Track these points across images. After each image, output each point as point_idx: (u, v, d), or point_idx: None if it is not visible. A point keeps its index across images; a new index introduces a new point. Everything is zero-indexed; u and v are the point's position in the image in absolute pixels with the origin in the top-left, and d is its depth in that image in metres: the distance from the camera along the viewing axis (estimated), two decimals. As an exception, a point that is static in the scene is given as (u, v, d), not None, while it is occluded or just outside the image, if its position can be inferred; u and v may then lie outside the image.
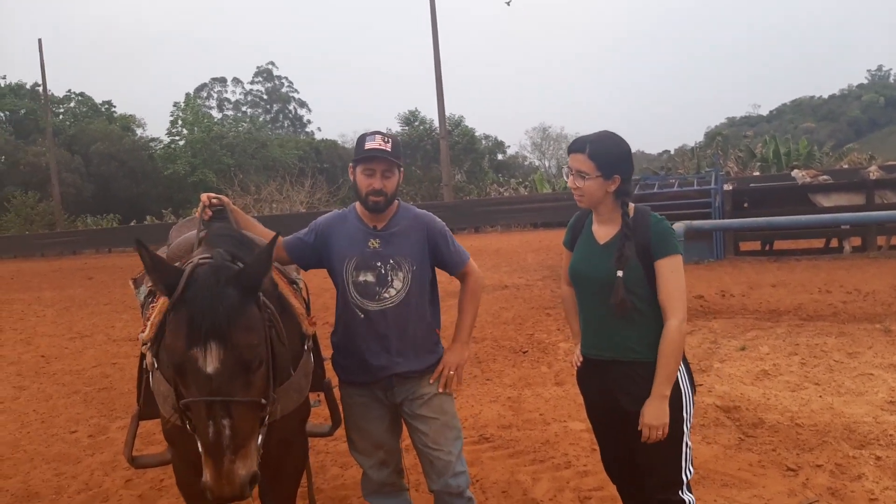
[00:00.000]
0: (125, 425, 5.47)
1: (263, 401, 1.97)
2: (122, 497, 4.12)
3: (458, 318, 2.93)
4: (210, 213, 2.77)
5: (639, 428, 2.37)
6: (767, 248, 14.08)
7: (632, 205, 2.48)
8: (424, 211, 2.93)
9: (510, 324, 8.46)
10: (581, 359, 2.65)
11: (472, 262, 2.96)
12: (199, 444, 1.92)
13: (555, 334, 7.70)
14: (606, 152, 2.41)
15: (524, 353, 7.00)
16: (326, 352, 3.06)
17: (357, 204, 2.85)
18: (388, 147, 2.70)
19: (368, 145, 2.69)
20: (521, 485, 3.87)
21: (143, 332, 2.56)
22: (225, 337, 1.85)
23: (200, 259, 2.13)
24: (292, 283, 3.04)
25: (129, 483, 4.32)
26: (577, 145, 2.46)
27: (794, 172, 15.35)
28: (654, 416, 2.34)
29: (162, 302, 2.54)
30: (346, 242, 2.79)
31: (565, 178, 2.56)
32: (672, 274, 2.35)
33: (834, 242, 13.49)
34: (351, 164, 2.81)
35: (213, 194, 2.81)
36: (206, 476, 1.85)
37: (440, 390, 2.80)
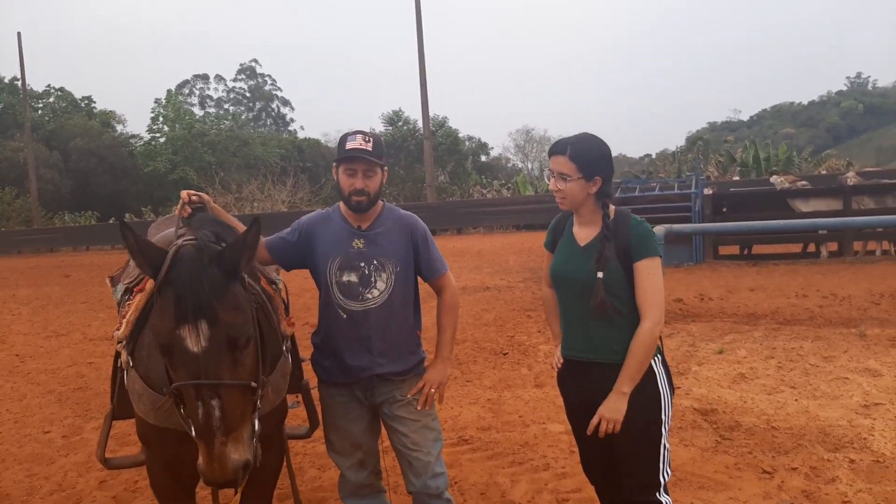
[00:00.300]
0: (100, 426, 5.39)
1: (254, 384, 1.95)
2: (95, 498, 4.07)
3: (438, 335, 2.91)
4: (189, 210, 2.74)
5: (594, 420, 2.39)
6: (746, 252, 14.24)
7: (612, 206, 2.50)
8: (408, 212, 2.92)
9: (491, 325, 8.47)
10: (561, 360, 2.65)
11: (450, 275, 2.96)
12: (192, 430, 1.90)
13: (535, 336, 7.72)
14: (587, 154, 2.42)
15: (504, 354, 7.01)
16: (305, 353, 3.04)
17: (341, 203, 2.83)
18: (370, 146, 2.68)
19: (349, 145, 2.68)
20: (500, 487, 3.87)
21: (118, 329, 2.53)
22: (211, 315, 1.84)
23: (184, 241, 2.11)
24: (272, 283, 3.02)
25: (102, 484, 4.26)
26: (559, 147, 2.46)
27: (773, 178, 15.54)
28: (609, 409, 2.37)
29: (138, 300, 2.51)
30: (329, 242, 2.77)
31: (547, 180, 2.57)
32: (650, 276, 2.36)
33: (811, 247, 13.67)
34: (334, 164, 2.79)
35: (192, 191, 2.79)
36: (200, 460, 1.84)
37: (419, 408, 2.79)
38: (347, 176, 2.71)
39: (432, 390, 2.82)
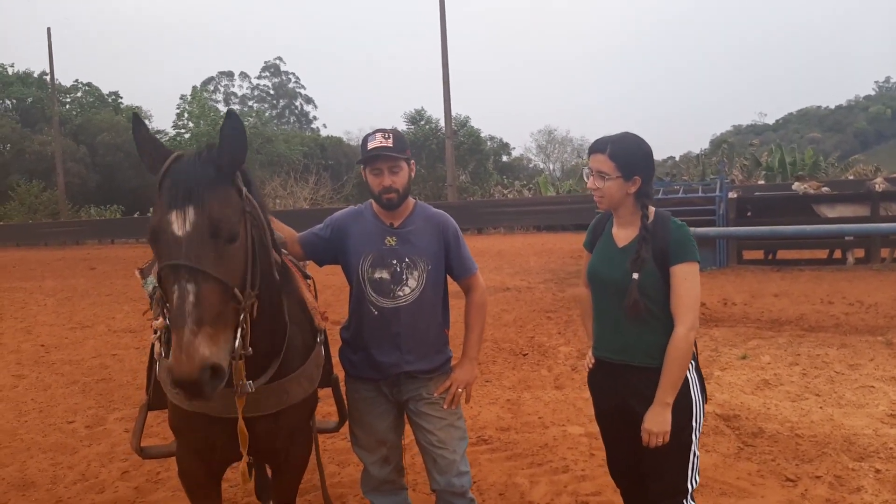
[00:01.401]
0: (123, 416, 5.47)
1: (237, 292, 1.92)
2: (118, 488, 4.11)
3: (465, 335, 2.92)
4: None
5: (643, 436, 2.36)
6: (770, 257, 14.06)
7: (652, 208, 2.45)
8: (440, 211, 2.92)
9: (511, 326, 8.45)
10: (593, 361, 2.63)
11: (479, 275, 2.96)
12: (168, 321, 1.87)
13: (555, 338, 7.69)
14: (627, 153, 2.39)
15: (524, 355, 6.98)
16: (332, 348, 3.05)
17: (372, 201, 2.84)
18: (390, 143, 2.68)
19: (370, 145, 2.69)
20: (519, 487, 3.86)
21: (156, 319, 2.55)
22: (199, 202, 1.88)
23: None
24: (307, 277, 3.03)
25: (125, 475, 4.31)
26: (599, 145, 2.43)
27: (795, 186, 15.29)
28: (655, 422, 2.33)
29: None
30: (362, 239, 2.78)
31: (585, 178, 2.52)
32: (686, 280, 2.32)
33: (837, 254, 13.47)
34: (361, 167, 2.80)
35: None
36: (171, 354, 1.79)
37: (446, 407, 2.79)
38: (374, 176, 2.71)
39: (459, 390, 2.82)
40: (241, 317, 1.94)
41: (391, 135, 2.71)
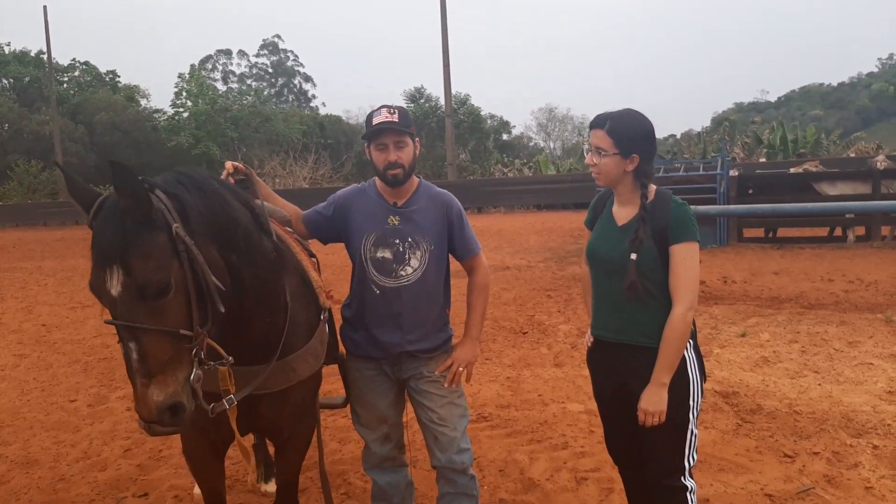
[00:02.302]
0: (125, 395, 5.49)
1: (183, 332, 1.93)
2: (120, 466, 4.15)
3: (468, 314, 2.91)
4: (234, 181, 2.75)
5: (639, 416, 2.36)
6: (771, 235, 14.04)
7: (653, 187, 2.42)
8: (444, 190, 2.89)
9: (511, 304, 8.46)
10: (592, 339, 2.62)
11: (483, 256, 2.95)
12: None
13: (555, 316, 7.70)
14: (626, 129, 2.35)
15: (524, 334, 7.00)
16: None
17: (376, 179, 2.81)
18: (396, 118, 2.65)
19: (376, 120, 2.66)
20: (519, 464, 3.88)
21: None
22: (120, 264, 1.87)
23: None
24: (312, 255, 3.03)
25: (127, 452, 4.34)
26: (598, 121, 2.40)
27: (793, 170, 14.98)
28: (650, 402, 2.33)
29: None
30: (365, 218, 2.76)
31: (586, 154, 2.51)
32: (685, 260, 2.30)
33: (838, 231, 13.45)
34: (365, 144, 2.77)
35: (238, 163, 2.78)
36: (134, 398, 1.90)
37: (447, 385, 2.79)
38: (379, 151, 2.68)
39: (461, 368, 2.82)
40: (195, 349, 1.96)
41: (396, 110, 2.69)
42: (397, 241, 2.71)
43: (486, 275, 2.95)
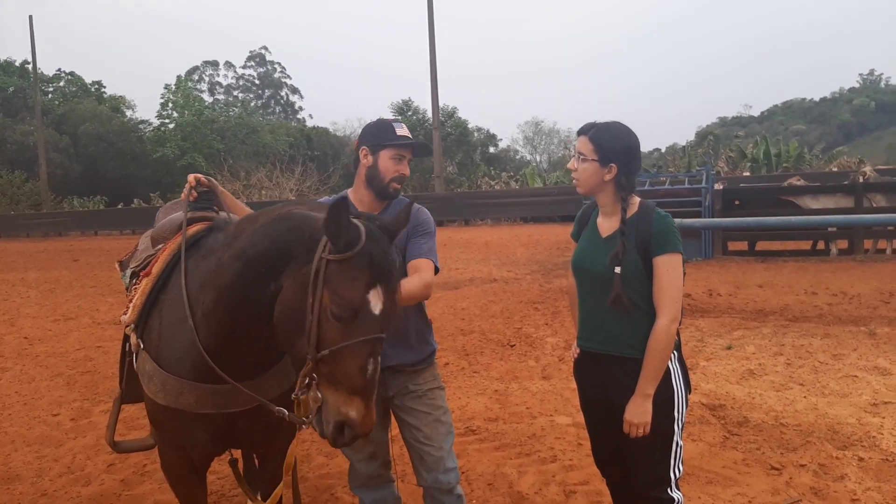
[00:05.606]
0: (109, 409, 5.41)
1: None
2: (104, 481, 4.09)
3: None
4: (196, 194, 2.73)
5: (625, 427, 2.37)
6: (747, 248, 14.15)
7: (637, 199, 2.45)
8: (419, 205, 2.87)
9: (498, 317, 8.46)
10: (578, 351, 2.63)
11: (431, 267, 2.66)
12: (345, 385, 1.94)
13: (542, 329, 7.71)
14: (608, 139, 2.40)
15: (512, 346, 7.00)
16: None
17: (350, 191, 2.80)
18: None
19: (400, 132, 2.67)
20: (507, 477, 3.87)
21: (124, 314, 2.53)
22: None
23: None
24: None
25: (111, 467, 4.29)
26: (585, 128, 2.46)
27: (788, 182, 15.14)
28: (635, 413, 2.34)
29: (144, 284, 2.51)
30: None
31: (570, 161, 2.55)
32: (668, 272, 2.32)
33: (821, 244, 13.58)
34: (367, 147, 2.69)
35: (201, 175, 2.77)
36: (352, 413, 1.93)
37: None
38: (395, 161, 2.67)
39: None
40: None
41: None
42: None
43: (425, 287, 2.60)
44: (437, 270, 2.70)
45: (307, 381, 1.99)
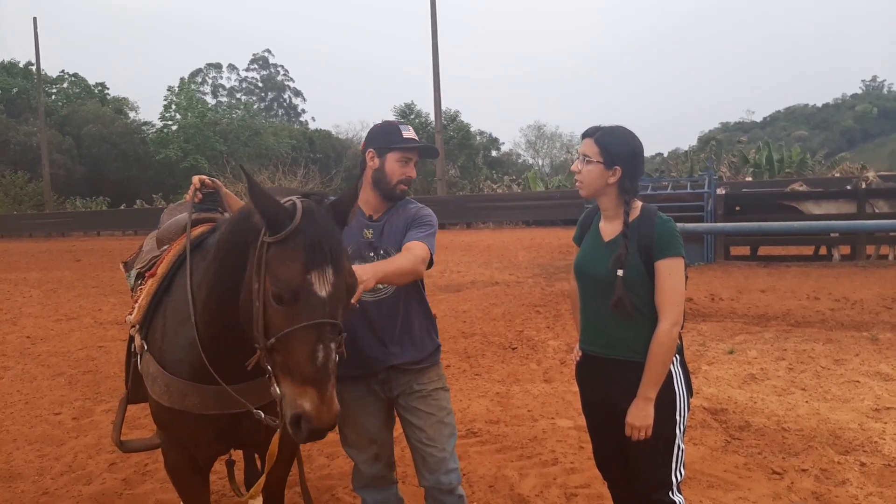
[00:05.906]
0: (110, 409, 5.44)
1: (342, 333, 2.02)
2: (105, 480, 4.09)
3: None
4: (201, 196, 2.74)
5: (627, 431, 2.37)
6: (751, 253, 14.16)
7: (639, 203, 2.46)
8: (420, 204, 2.89)
9: (500, 320, 8.47)
10: (580, 354, 2.63)
11: (426, 250, 2.58)
12: (296, 375, 1.85)
13: (544, 332, 7.71)
14: (613, 142, 2.41)
15: (513, 349, 7.00)
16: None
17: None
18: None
19: (407, 134, 2.69)
20: (508, 480, 3.87)
21: (130, 314, 2.54)
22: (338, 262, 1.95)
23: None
24: None
25: (113, 466, 4.29)
26: (590, 130, 2.46)
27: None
28: (637, 416, 2.35)
29: (150, 284, 2.52)
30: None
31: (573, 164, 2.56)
32: (670, 275, 2.33)
33: (823, 250, 13.58)
34: (373, 149, 2.71)
35: (205, 177, 2.77)
36: (306, 404, 1.82)
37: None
38: (401, 164, 2.69)
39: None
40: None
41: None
42: (371, 255, 2.69)
43: (414, 259, 2.51)
44: (431, 261, 2.64)
45: (267, 375, 1.94)
